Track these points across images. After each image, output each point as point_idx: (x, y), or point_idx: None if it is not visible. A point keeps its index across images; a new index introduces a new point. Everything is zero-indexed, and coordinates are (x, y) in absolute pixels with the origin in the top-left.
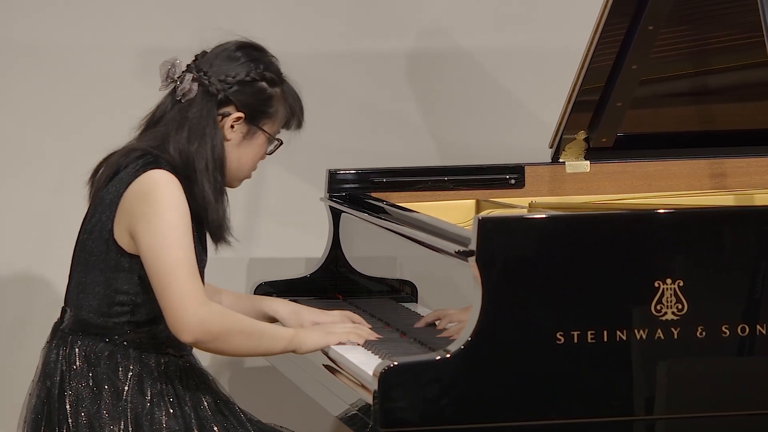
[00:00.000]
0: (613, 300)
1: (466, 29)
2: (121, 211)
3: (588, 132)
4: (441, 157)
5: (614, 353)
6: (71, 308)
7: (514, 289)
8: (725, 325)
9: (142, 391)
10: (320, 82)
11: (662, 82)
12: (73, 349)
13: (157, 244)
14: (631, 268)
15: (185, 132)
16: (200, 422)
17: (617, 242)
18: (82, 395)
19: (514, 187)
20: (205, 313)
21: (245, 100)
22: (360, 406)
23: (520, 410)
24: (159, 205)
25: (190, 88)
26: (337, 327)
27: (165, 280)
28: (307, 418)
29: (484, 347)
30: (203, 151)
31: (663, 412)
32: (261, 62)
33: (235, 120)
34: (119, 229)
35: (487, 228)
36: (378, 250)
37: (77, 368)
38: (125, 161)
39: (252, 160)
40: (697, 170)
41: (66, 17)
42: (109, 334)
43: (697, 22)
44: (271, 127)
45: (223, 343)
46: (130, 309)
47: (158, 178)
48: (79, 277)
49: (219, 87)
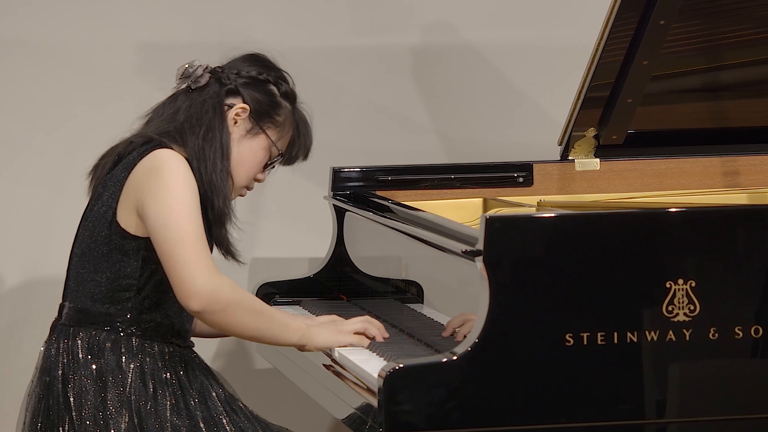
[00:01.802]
0: (623, 301)
1: (473, 23)
2: (127, 191)
3: (598, 129)
4: (447, 155)
5: (625, 355)
6: (70, 301)
7: (522, 290)
8: (738, 326)
9: (145, 383)
10: (323, 78)
11: (674, 78)
12: (75, 340)
13: (165, 216)
14: (642, 269)
15: (191, 116)
16: (208, 413)
17: (628, 242)
18: (86, 387)
19: (522, 185)
20: (214, 281)
21: (253, 95)
22: (364, 409)
23: (528, 414)
24: (168, 180)
25: (201, 74)
26: (349, 325)
27: (174, 250)
28: (310, 420)
29: (492, 349)
30: (208, 135)
31: (675, 416)
32: (276, 71)
33: (240, 110)
34: (124, 211)
35: (494, 227)
36: (383, 249)
37: (80, 359)
38: (129, 149)
39: (251, 162)
40: (709, 168)
41: (66, 15)
42: (112, 322)
43: (710, 16)
44: (275, 134)
45: (231, 316)
46: (133, 294)
47: (166, 156)
48: (78, 269)
49: (231, 77)
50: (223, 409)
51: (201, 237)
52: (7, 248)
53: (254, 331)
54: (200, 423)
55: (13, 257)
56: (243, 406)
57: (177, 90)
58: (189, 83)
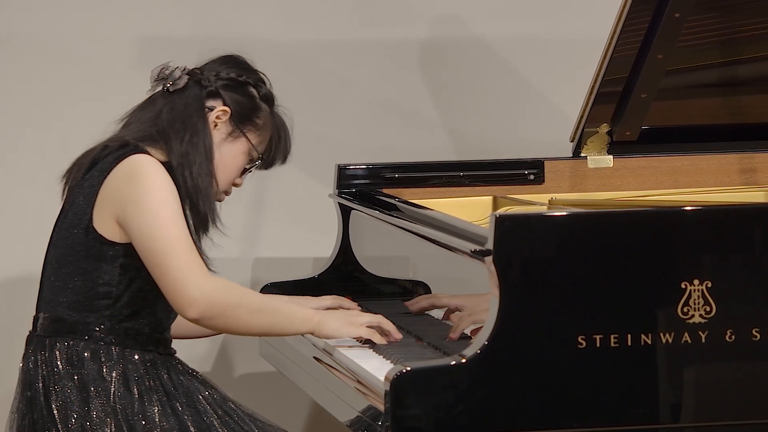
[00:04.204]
0: (637, 302)
1: (482, 16)
2: (104, 197)
3: (611, 125)
4: (456, 152)
5: (638, 358)
6: (45, 311)
7: (533, 291)
8: (755, 328)
9: (129, 389)
10: (328, 72)
11: (689, 72)
12: (53, 352)
13: (150, 224)
14: (656, 269)
15: (174, 120)
16: (198, 417)
17: (642, 241)
18: (69, 398)
19: (533, 183)
20: (209, 285)
21: (234, 97)
22: (370, 413)
23: (539, 418)
24: (147, 185)
25: (180, 76)
26: (362, 318)
27: (163, 259)
28: (312, 423)
29: (502, 352)
30: (189, 137)
31: (690, 420)
32: (255, 74)
33: (220, 113)
34: (101, 218)
35: (504, 226)
36: (389, 249)
37: (60, 370)
38: (103, 153)
39: (231, 167)
40: (726, 165)
41: (62, 8)
42: (89, 330)
43: (727, 9)
44: (255, 138)
45: (231, 319)
46: (111, 302)
47: (142, 161)
48: (52, 278)
49: (210, 79)
50: (213, 411)
51: (189, 242)
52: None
53: (259, 328)
54: (191, 427)
55: (9, 257)
56: (235, 407)
57: (153, 92)
58: (167, 85)
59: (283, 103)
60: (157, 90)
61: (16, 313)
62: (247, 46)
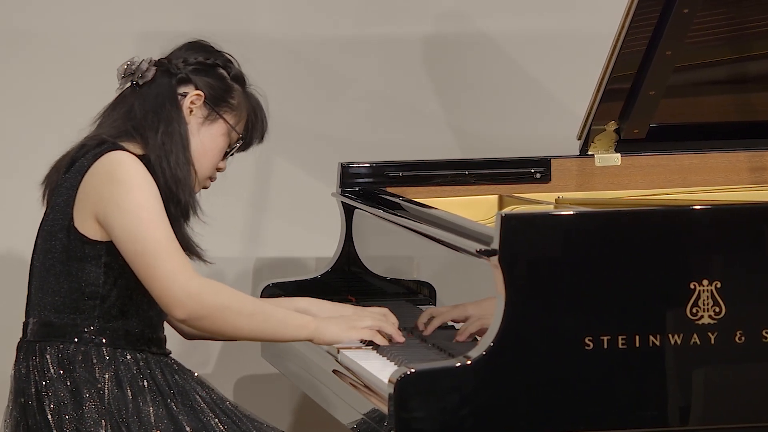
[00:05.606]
0: (645, 303)
1: (488, 12)
2: (83, 196)
3: (619, 122)
4: (461, 150)
5: (647, 360)
6: (34, 316)
7: (539, 291)
8: (766, 329)
9: (123, 390)
10: (331, 69)
11: (699, 69)
12: (44, 356)
13: (133, 225)
14: (664, 269)
15: (147, 112)
16: (195, 416)
17: (650, 241)
18: (63, 402)
19: (540, 181)
20: (196, 285)
21: (205, 81)
22: (374, 416)
23: (545, 421)
24: (127, 183)
25: (147, 68)
26: (362, 321)
27: (148, 260)
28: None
29: (507, 353)
30: (165, 128)
31: (699, 423)
32: (222, 56)
33: (194, 98)
34: (81, 217)
35: (510, 225)
36: (393, 249)
37: (52, 375)
38: (81, 152)
39: (212, 151)
40: (735, 164)
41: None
42: (78, 332)
43: (737, 5)
44: (232, 118)
45: (220, 321)
46: (98, 302)
47: (120, 158)
48: (39, 282)
49: (179, 66)
50: (210, 411)
51: (174, 243)
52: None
53: (250, 332)
54: (186, 427)
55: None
56: (233, 407)
57: (122, 89)
58: (135, 80)
59: (286, 100)
60: (126, 86)
61: (5, 321)
62: (250, 42)
